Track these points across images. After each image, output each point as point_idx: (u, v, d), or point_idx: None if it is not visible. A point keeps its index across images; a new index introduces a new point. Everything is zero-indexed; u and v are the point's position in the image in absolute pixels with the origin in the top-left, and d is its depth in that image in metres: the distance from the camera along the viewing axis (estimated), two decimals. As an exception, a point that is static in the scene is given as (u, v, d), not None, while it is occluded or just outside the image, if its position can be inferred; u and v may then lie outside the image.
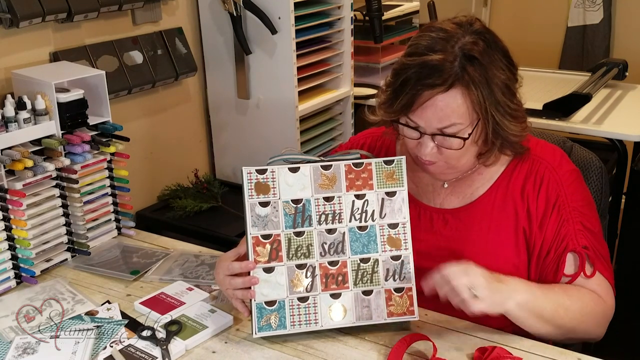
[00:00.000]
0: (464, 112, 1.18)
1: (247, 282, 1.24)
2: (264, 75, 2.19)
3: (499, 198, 1.31)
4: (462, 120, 1.18)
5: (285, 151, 1.31)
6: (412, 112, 1.19)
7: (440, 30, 1.20)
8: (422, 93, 1.16)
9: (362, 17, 2.53)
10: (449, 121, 1.18)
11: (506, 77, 1.20)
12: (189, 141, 2.34)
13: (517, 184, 1.31)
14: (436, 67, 1.15)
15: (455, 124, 1.18)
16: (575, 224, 1.27)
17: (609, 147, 2.25)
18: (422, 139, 1.22)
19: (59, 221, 1.57)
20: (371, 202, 1.27)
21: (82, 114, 1.59)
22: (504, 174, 1.32)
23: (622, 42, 3.44)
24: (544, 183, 1.29)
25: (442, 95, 1.16)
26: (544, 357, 1.20)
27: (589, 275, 1.26)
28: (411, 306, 1.25)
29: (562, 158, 1.34)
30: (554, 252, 1.28)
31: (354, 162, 1.28)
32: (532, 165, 1.31)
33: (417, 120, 1.20)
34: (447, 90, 1.16)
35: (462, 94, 1.16)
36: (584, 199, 1.31)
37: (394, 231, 1.27)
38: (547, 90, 2.47)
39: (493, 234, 1.30)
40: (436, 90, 1.15)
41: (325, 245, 1.25)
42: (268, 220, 1.24)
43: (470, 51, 1.16)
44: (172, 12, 2.15)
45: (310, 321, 1.24)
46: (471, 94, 1.16)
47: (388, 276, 1.26)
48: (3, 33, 1.67)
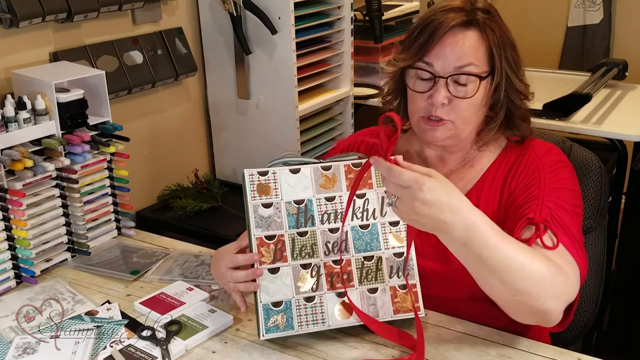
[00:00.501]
0: (481, 55, 1.24)
1: (251, 275, 1.22)
2: (264, 75, 2.19)
3: (485, 189, 1.32)
4: (479, 62, 1.24)
5: (285, 154, 1.31)
6: (430, 51, 1.24)
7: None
8: (442, 28, 1.22)
9: (362, 17, 2.53)
10: (467, 59, 1.23)
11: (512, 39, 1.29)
12: (189, 141, 2.34)
13: (502, 173, 1.32)
14: (458, 8, 1.25)
15: (472, 63, 1.23)
16: (545, 201, 1.21)
17: (609, 147, 2.25)
18: (435, 87, 1.24)
19: (59, 221, 1.57)
20: (371, 201, 1.28)
21: (82, 114, 1.59)
22: (492, 165, 1.34)
23: (622, 42, 3.43)
24: (525, 167, 1.30)
25: (462, 33, 1.23)
26: (544, 357, 1.20)
27: (549, 246, 1.15)
28: (416, 302, 1.26)
29: (551, 150, 1.34)
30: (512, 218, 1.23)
31: (354, 163, 1.29)
32: (518, 156, 1.33)
33: (434, 61, 1.24)
34: (467, 29, 1.23)
35: (481, 37, 1.24)
36: (564, 183, 1.26)
37: (395, 229, 1.28)
38: (547, 90, 2.47)
39: None
40: (457, 23, 1.22)
41: (329, 244, 1.26)
42: (271, 221, 1.25)
43: (488, 8, 1.27)
44: (172, 12, 2.15)
45: (317, 321, 1.24)
46: (488, 39, 1.24)
47: (392, 273, 1.26)
48: (3, 33, 1.68)
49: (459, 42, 1.22)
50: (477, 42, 1.24)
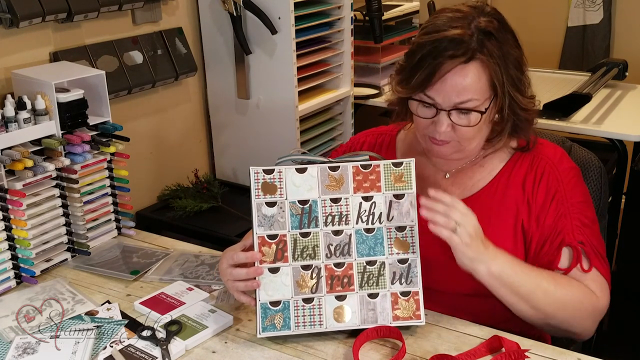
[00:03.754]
0: (482, 86, 1.21)
1: (252, 273, 1.23)
2: (264, 75, 2.19)
3: (499, 191, 1.32)
4: (480, 95, 1.21)
5: (293, 151, 1.31)
6: (431, 86, 1.21)
7: (456, 11, 1.24)
8: (443, 66, 1.18)
9: (362, 17, 2.53)
10: (467, 96, 1.20)
11: (517, 54, 1.25)
12: (189, 141, 2.34)
13: (518, 177, 1.32)
14: (456, 40, 1.19)
15: (472, 99, 1.20)
16: (572, 219, 1.28)
17: (609, 147, 2.26)
18: (437, 116, 1.23)
19: (59, 221, 1.57)
20: (379, 205, 1.26)
21: (82, 114, 1.59)
22: (505, 168, 1.34)
23: (622, 42, 3.44)
24: (544, 177, 1.30)
25: (462, 68, 1.19)
26: (544, 357, 1.20)
27: (585, 270, 1.26)
28: (417, 310, 1.24)
29: (563, 156, 1.35)
30: (549, 245, 1.28)
31: (362, 164, 1.26)
32: (533, 160, 1.33)
33: (435, 96, 1.21)
34: (467, 63, 1.19)
35: (481, 67, 1.20)
36: (582, 196, 1.32)
37: (401, 234, 1.26)
38: (547, 90, 2.47)
39: (493, 227, 1.29)
40: (457, 61, 1.18)
41: (331, 246, 1.25)
42: (274, 220, 1.24)
43: (487, 28, 1.21)
44: (172, 12, 2.15)
45: (314, 322, 1.24)
46: (489, 68, 1.20)
47: (395, 279, 1.25)
48: (3, 33, 1.68)
49: (459, 79, 1.19)
50: (478, 74, 1.20)
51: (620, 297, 1.31)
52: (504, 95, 1.23)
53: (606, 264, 1.30)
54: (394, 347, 1.22)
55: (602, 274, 1.28)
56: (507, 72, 1.22)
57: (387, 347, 1.23)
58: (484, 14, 1.23)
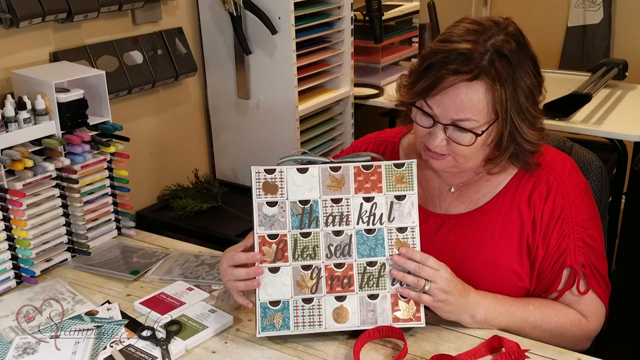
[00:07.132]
0: (483, 108, 1.16)
1: (252, 273, 1.23)
2: (264, 75, 2.19)
3: (505, 206, 1.30)
4: (479, 117, 1.17)
5: (295, 152, 1.31)
6: (431, 96, 1.18)
7: (476, 23, 1.19)
8: (446, 78, 1.14)
9: (362, 17, 2.53)
10: (465, 114, 1.16)
11: (532, 83, 1.19)
12: (189, 141, 2.34)
13: (524, 192, 1.29)
14: (465, 55, 1.14)
15: (470, 119, 1.17)
16: (576, 240, 1.27)
17: (609, 147, 2.25)
18: (433, 128, 1.21)
19: (59, 221, 1.57)
20: (380, 205, 1.25)
21: (82, 114, 1.59)
22: (511, 182, 1.31)
23: (622, 42, 3.44)
24: (551, 194, 1.28)
25: (465, 85, 1.14)
26: (544, 357, 1.20)
27: (582, 292, 1.26)
28: (418, 312, 1.24)
29: (572, 169, 1.32)
30: (551, 266, 1.27)
31: (364, 165, 1.26)
32: (541, 174, 1.29)
33: (434, 107, 1.19)
34: (471, 81, 1.14)
35: (486, 89, 1.15)
36: (589, 213, 1.30)
37: (402, 235, 1.25)
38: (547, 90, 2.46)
39: (498, 242, 1.29)
40: (460, 77, 1.14)
41: (332, 247, 1.25)
42: (275, 220, 1.24)
43: (502, 48, 1.16)
44: (172, 12, 2.15)
45: (314, 323, 1.24)
46: (494, 90, 1.15)
47: (395, 281, 1.24)
48: (3, 33, 1.68)
49: (460, 96, 1.15)
50: (481, 95, 1.15)
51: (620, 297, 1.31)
52: (506, 123, 1.18)
53: (605, 285, 1.30)
54: (395, 348, 1.22)
55: (599, 296, 1.28)
56: (514, 98, 1.16)
57: (388, 348, 1.23)
58: (504, 32, 1.18)
